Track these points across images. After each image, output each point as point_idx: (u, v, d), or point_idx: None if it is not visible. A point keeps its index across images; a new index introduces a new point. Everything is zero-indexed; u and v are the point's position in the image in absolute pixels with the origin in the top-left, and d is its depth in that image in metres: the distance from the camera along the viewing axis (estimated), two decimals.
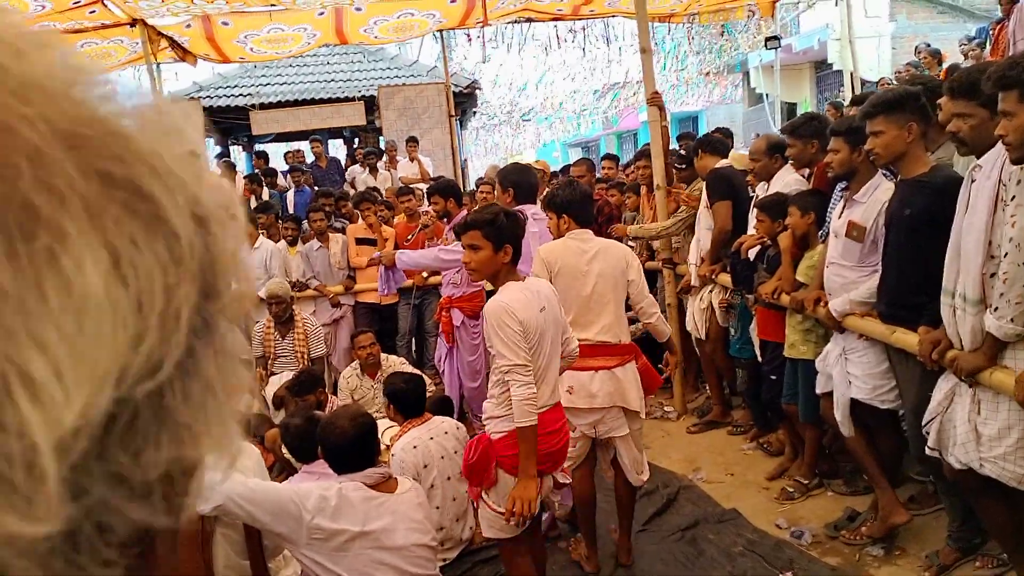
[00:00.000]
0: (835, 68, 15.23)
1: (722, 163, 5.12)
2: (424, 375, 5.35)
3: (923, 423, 2.99)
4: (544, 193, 3.79)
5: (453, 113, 11.63)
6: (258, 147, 13.93)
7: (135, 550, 0.35)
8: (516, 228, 2.94)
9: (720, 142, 5.33)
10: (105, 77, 0.35)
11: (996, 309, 2.55)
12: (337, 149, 15.46)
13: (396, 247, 6.81)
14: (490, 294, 3.36)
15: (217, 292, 0.37)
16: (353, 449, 2.77)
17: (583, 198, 3.70)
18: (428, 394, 4.58)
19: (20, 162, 0.30)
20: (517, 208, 4.62)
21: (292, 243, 7.06)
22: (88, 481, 0.32)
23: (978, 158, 2.73)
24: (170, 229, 0.34)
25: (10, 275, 0.29)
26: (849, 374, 3.56)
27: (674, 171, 5.69)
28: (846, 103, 7.85)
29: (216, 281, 0.37)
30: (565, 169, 8.30)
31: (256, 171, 10.90)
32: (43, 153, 0.31)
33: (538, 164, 7.44)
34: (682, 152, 5.85)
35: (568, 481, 3.30)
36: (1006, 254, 2.51)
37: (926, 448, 2.96)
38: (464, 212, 5.82)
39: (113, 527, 0.33)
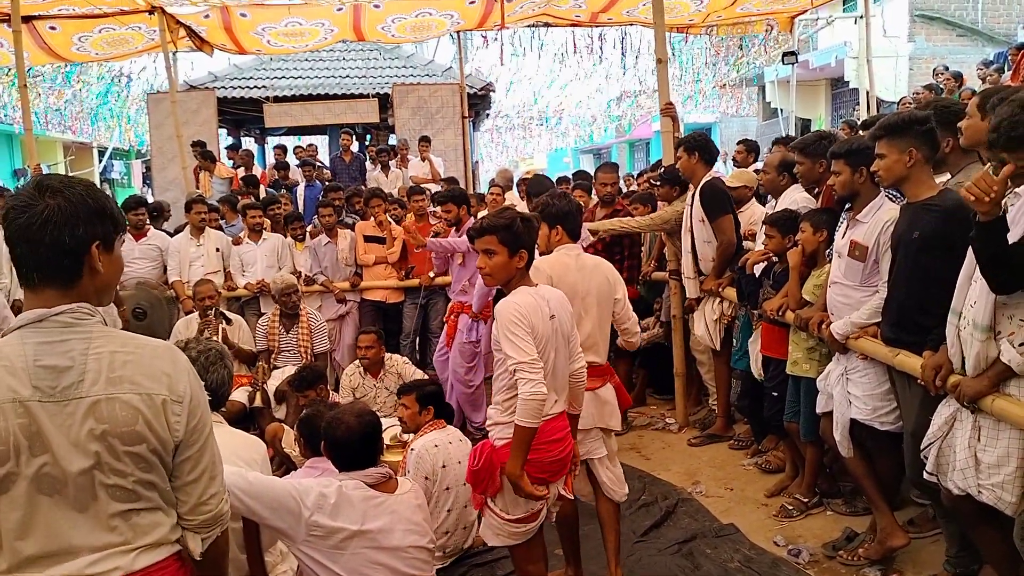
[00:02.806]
0: (851, 86, 15.21)
1: (711, 175, 5.11)
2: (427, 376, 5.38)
3: (922, 447, 2.98)
4: (536, 203, 3.71)
5: (466, 114, 11.65)
6: (274, 140, 14.02)
7: None
8: (532, 233, 2.89)
9: (713, 152, 5.21)
10: None
11: (1012, 334, 2.53)
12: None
13: (404, 248, 6.82)
14: (497, 299, 3.34)
15: None
16: (358, 447, 2.78)
17: (577, 210, 3.63)
18: None
19: None
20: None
21: (300, 239, 7.08)
22: None
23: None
24: None
25: None
26: (850, 394, 3.55)
27: (653, 187, 5.64)
28: (860, 121, 7.85)
29: None
30: (578, 174, 8.20)
31: (276, 161, 10.99)
32: None
33: (527, 173, 7.37)
34: (663, 171, 5.74)
35: (571, 496, 3.27)
36: None
37: (924, 472, 2.95)
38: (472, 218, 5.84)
39: None
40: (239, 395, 5.37)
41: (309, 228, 7.30)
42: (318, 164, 11.00)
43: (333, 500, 2.60)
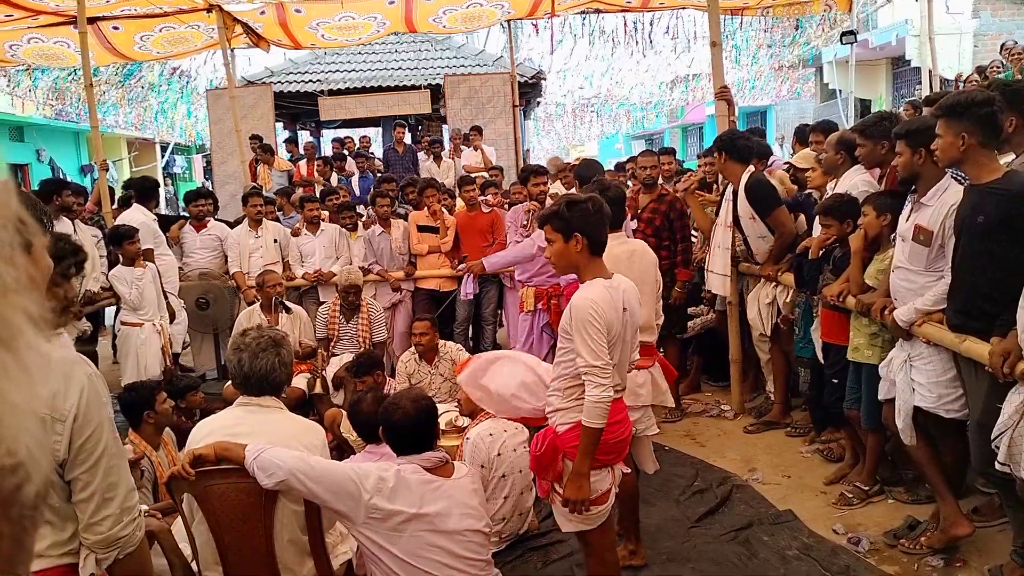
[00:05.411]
0: (913, 65, 14.72)
1: (750, 170, 5.00)
2: None
3: (992, 437, 2.90)
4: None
5: (517, 103, 11.64)
6: (332, 132, 14.23)
7: None
8: (586, 216, 2.81)
9: (741, 148, 5.06)
10: None
11: None
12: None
13: (457, 238, 6.88)
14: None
15: None
16: (414, 431, 2.82)
17: (620, 198, 3.66)
18: None
19: None
20: None
21: (352, 229, 7.19)
22: None
23: None
24: None
25: None
26: (913, 381, 3.48)
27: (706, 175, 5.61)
28: (923, 99, 7.60)
29: None
30: (630, 160, 8.16)
31: (333, 153, 11.16)
32: None
33: (578, 159, 7.38)
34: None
35: (629, 471, 3.30)
36: None
37: (996, 463, 2.88)
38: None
39: None
40: (299, 382, 5.50)
41: (363, 219, 7.40)
42: (370, 155, 11.15)
43: (392, 484, 2.65)
